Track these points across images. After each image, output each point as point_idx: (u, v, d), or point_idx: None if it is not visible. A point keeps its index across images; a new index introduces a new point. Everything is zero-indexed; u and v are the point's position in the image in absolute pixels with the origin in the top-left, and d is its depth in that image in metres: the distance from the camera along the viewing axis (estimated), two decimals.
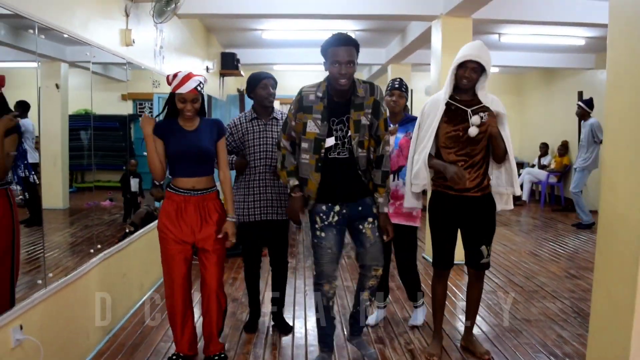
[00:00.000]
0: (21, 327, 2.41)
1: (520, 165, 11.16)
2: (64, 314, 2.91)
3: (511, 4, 5.50)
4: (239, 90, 8.40)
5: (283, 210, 3.45)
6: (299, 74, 10.85)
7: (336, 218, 2.97)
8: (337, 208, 2.96)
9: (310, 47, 8.55)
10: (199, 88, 2.88)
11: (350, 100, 2.88)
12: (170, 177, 3.07)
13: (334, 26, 7.28)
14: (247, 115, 3.53)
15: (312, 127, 2.88)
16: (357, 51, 2.80)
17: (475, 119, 2.97)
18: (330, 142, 2.89)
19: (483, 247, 3.11)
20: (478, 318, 3.83)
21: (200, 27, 6.83)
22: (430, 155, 3.10)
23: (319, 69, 2.97)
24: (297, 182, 2.98)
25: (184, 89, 2.84)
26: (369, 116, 2.89)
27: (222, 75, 8.23)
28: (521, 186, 9.84)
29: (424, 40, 6.41)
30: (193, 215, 2.97)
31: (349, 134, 2.88)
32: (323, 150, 2.89)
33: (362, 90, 2.88)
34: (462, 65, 2.95)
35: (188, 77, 2.86)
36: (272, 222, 3.47)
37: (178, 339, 3.10)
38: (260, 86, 3.42)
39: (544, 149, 10.12)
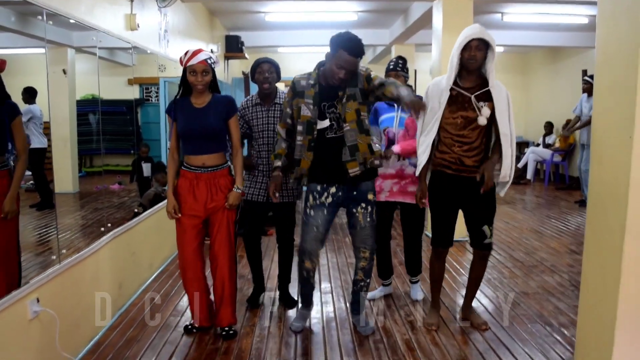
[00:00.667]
0: (38, 300, 2.54)
1: (525, 145, 11.21)
2: (78, 288, 3.05)
3: None
4: (244, 73, 8.47)
5: (287, 192, 3.55)
6: (303, 56, 10.89)
7: (330, 199, 3.10)
8: (332, 190, 3.10)
9: (314, 28, 8.60)
10: (209, 61, 3.01)
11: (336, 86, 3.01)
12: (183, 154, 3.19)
13: (337, 7, 7.34)
14: (253, 99, 3.61)
15: (305, 111, 3.05)
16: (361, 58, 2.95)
17: (485, 111, 3.01)
18: (324, 123, 3.04)
19: (485, 227, 3.19)
20: (479, 293, 3.95)
21: (203, 10, 6.89)
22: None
23: (322, 50, 3.07)
24: (279, 164, 3.18)
25: (194, 61, 2.97)
26: (358, 86, 3.01)
27: (227, 58, 8.30)
28: (526, 165, 9.91)
29: (426, 20, 6.45)
30: (204, 191, 3.10)
31: (340, 114, 3.02)
32: (315, 132, 3.04)
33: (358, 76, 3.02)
34: (466, 47, 2.98)
35: (198, 51, 3.00)
36: (276, 204, 3.56)
37: (193, 310, 3.27)
38: (257, 71, 3.50)
39: (549, 128, 10.14)
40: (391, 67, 3.61)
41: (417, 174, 3.25)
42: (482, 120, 3.02)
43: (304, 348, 3.13)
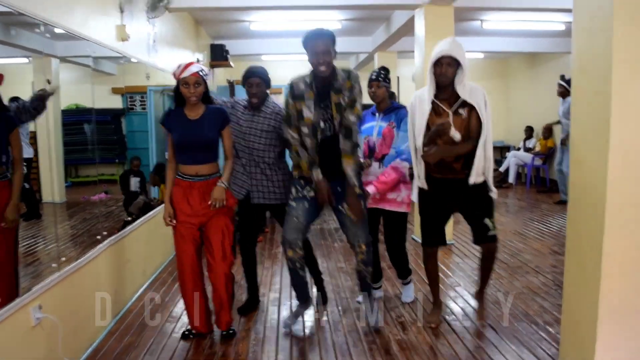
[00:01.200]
0: (40, 307, 2.60)
1: (507, 149, 11.43)
2: (78, 295, 3.11)
3: None
4: (228, 81, 8.52)
5: (272, 195, 3.60)
6: (287, 63, 10.97)
7: (312, 193, 3.24)
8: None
9: (298, 37, 8.53)
10: (201, 73, 3.12)
11: (330, 85, 3.15)
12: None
13: (321, 16, 7.46)
14: (240, 102, 3.68)
15: (307, 113, 3.17)
16: (334, 42, 3.13)
17: (455, 135, 3.15)
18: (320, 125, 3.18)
19: (487, 220, 3.29)
20: (465, 293, 4.08)
21: (189, 19, 6.97)
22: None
23: (307, 58, 3.18)
24: (319, 171, 3.19)
25: (186, 73, 3.08)
26: (346, 98, 3.14)
27: (212, 66, 8.37)
28: (507, 169, 10.12)
29: (408, 28, 6.59)
30: (197, 199, 3.20)
31: (332, 115, 3.16)
32: (319, 135, 3.18)
33: (340, 76, 3.16)
34: (438, 63, 3.13)
35: (190, 63, 3.12)
36: (274, 205, 3.64)
37: (191, 316, 3.34)
38: (246, 84, 3.56)
39: (529, 132, 10.36)
40: (373, 77, 3.69)
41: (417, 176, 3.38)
42: (457, 137, 3.16)
43: (299, 350, 3.21)
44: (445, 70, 3.12)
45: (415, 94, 3.36)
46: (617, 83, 2.39)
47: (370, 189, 3.53)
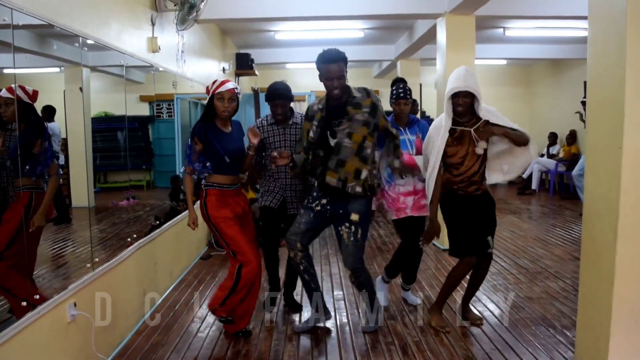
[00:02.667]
0: (75, 304, 2.75)
1: None
2: (109, 294, 3.26)
3: (512, 0, 5.76)
4: (253, 90, 8.71)
5: (298, 204, 3.81)
6: (311, 71, 11.08)
7: (318, 208, 3.40)
8: (323, 201, 3.38)
9: (322, 45, 8.78)
10: (235, 90, 3.29)
11: (346, 102, 3.29)
12: (205, 174, 3.39)
13: (344, 25, 7.60)
14: (268, 119, 3.86)
15: (310, 132, 3.36)
16: (346, 63, 3.26)
17: (480, 145, 3.36)
18: (332, 142, 3.30)
19: (489, 238, 3.47)
20: (483, 297, 4.14)
21: (216, 30, 7.17)
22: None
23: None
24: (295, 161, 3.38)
25: (223, 88, 3.24)
26: (366, 115, 3.27)
27: (238, 75, 8.56)
28: (530, 175, 10.09)
29: (430, 36, 6.69)
30: (232, 203, 3.39)
31: (349, 131, 3.28)
32: (319, 152, 3.36)
33: (359, 93, 3.31)
34: (455, 95, 3.32)
35: (226, 80, 3.28)
36: (288, 215, 3.83)
37: (247, 313, 3.50)
38: (271, 105, 3.75)
39: (553, 138, 10.32)
40: (401, 95, 3.79)
41: (428, 205, 3.54)
42: (479, 150, 3.37)
43: (319, 350, 3.32)
44: (463, 103, 3.32)
45: (433, 123, 3.56)
46: (630, 91, 2.46)
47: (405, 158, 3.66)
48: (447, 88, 3.34)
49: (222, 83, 3.25)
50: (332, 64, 3.20)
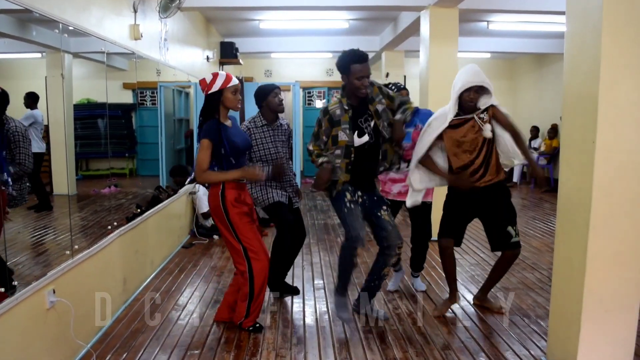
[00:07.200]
0: (54, 291, 2.76)
1: None
2: (89, 281, 3.27)
3: None
4: (238, 79, 8.71)
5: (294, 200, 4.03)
6: (295, 61, 11.11)
7: (360, 200, 3.42)
8: (359, 193, 3.42)
9: (307, 35, 8.87)
10: None
11: (365, 99, 3.33)
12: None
13: (329, 15, 7.59)
14: (256, 121, 3.90)
15: (342, 137, 3.34)
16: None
17: (486, 128, 3.40)
18: (364, 139, 3.34)
19: (509, 228, 3.54)
20: (461, 287, 4.21)
21: (200, 18, 7.12)
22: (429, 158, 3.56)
23: (315, 56, 3.40)
24: (326, 158, 3.35)
25: (234, 82, 3.24)
26: (383, 101, 3.35)
27: (222, 64, 8.52)
28: (512, 168, 10.20)
29: (415, 28, 6.71)
30: (245, 199, 3.38)
31: (375, 123, 3.34)
32: (352, 155, 3.35)
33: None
34: (467, 90, 3.37)
35: (230, 74, 3.27)
36: (297, 210, 4.05)
37: (258, 307, 3.43)
38: (271, 95, 3.83)
39: (535, 132, 10.44)
40: (401, 86, 4.02)
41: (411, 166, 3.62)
42: (488, 134, 3.40)
43: (298, 338, 3.36)
44: (474, 96, 3.39)
45: (440, 110, 3.57)
46: (604, 86, 2.51)
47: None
48: (459, 83, 3.38)
49: (229, 77, 3.23)
50: (365, 64, 3.21)
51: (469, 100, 3.38)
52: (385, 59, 9.47)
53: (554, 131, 9.84)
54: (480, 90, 3.40)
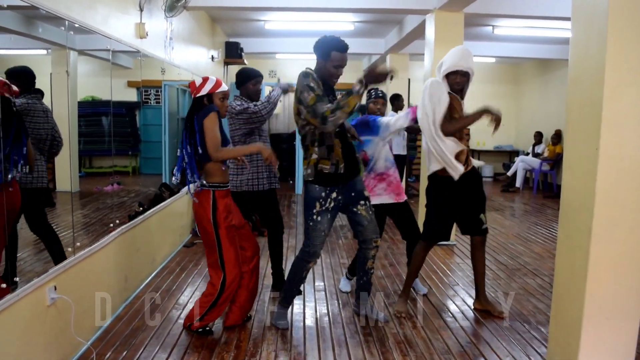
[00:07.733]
0: (55, 288, 2.76)
1: (515, 153, 11.50)
2: (90, 279, 3.28)
3: None
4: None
5: (274, 179, 4.01)
6: (300, 62, 11.10)
7: (332, 204, 3.36)
8: (333, 195, 3.34)
9: (311, 37, 8.75)
10: None
11: (332, 88, 3.38)
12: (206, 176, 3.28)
13: (335, 17, 7.60)
14: (230, 109, 3.81)
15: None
16: None
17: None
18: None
19: (482, 216, 3.61)
20: (462, 292, 4.20)
21: (205, 17, 7.14)
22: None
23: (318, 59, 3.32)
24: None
25: (224, 88, 3.25)
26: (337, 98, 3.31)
27: (227, 63, 8.54)
28: (515, 173, 10.20)
29: (420, 32, 6.71)
30: (233, 206, 3.39)
31: None
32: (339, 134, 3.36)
33: None
34: (453, 72, 3.38)
35: (220, 80, 3.26)
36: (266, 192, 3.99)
37: (216, 315, 3.42)
38: (252, 82, 3.90)
39: (538, 137, 10.42)
40: (380, 94, 4.02)
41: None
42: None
43: (298, 340, 3.35)
44: (461, 80, 3.41)
45: (434, 81, 3.44)
46: (608, 93, 2.50)
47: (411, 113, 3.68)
48: (447, 64, 3.38)
49: (219, 82, 3.23)
50: (345, 53, 3.25)
51: (454, 83, 3.40)
52: (390, 61, 9.45)
53: (557, 137, 9.82)
54: (466, 74, 3.41)
